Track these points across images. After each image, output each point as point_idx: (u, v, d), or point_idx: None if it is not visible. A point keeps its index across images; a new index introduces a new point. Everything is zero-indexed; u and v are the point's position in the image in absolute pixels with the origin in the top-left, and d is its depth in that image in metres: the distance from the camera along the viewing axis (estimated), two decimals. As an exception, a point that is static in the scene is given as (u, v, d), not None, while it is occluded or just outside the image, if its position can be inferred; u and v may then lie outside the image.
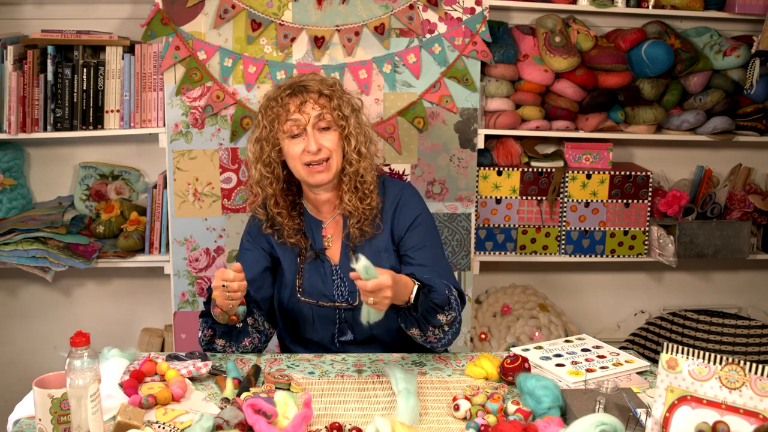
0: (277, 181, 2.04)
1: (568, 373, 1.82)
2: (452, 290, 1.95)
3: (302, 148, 1.97)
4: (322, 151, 1.97)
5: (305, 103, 1.97)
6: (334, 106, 1.99)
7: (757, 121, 3.06)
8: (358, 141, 2.02)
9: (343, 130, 2.01)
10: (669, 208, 3.04)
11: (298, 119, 1.97)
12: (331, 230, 2.10)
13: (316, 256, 2.07)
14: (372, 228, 2.05)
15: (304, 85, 2.00)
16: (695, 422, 1.40)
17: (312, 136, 1.96)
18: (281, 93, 2.00)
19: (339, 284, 2.06)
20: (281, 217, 2.06)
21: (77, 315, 3.10)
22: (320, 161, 1.98)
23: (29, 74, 2.66)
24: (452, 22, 2.75)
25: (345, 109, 2.01)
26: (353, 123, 2.02)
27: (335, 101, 2.00)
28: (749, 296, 3.42)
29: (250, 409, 1.53)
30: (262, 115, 2.03)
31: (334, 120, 1.99)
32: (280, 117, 1.98)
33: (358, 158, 2.02)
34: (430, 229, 2.09)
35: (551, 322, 3.08)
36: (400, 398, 1.65)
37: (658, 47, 2.87)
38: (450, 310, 1.89)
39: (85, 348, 1.43)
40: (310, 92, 1.99)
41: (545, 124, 2.97)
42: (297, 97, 1.98)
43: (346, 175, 2.03)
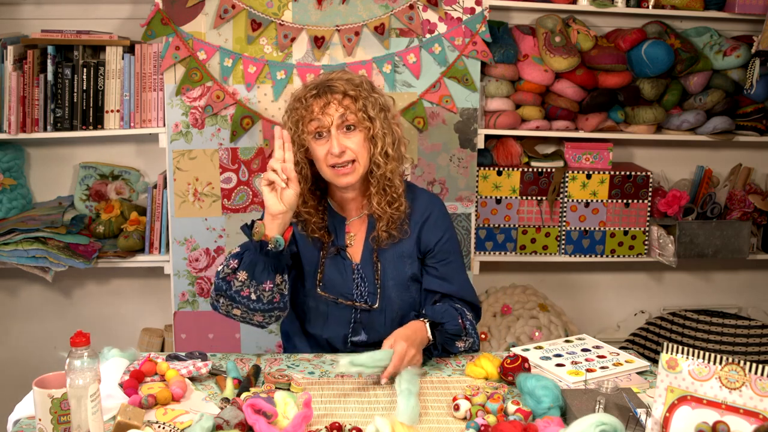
0: (305, 180, 2.01)
1: (568, 373, 1.82)
2: (466, 315, 2.00)
3: (326, 150, 1.94)
4: (347, 153, 1.94)
5: (329, 104, 1.94)
6: (359, 107, 1.95)
7: (757, 121, 3.06)
8: (385, 142, 1.98)
9: (369, 131, 1.97)
10: (669, 208, 3.04)
11: (321, 121, 1.94)
12: (355, 228, 2.08)
13: (337, 252, 2.06)
14: (399, 232, 2.03)
15: (329, 86, 1.96)
16: (695, 422, 1.40)
17: (336, 138, 1.93)
18: (306, 93, 1.97)
19: (359, 283, 2.04)
20: (308, 215, 2.04)
21: (77, 315, 3.10)
22: (345, 163, 1.95)
23: (29, 74, 2.66)
24: (452, 22, 2.75)
25: (371, 109, 1.96)
26: (379, 124, 1.97)
27: (360, 102, 1.96)
28: (749, 296, 3.42)
29: (250, 409, 1.53)
30: (288, 115, 2.01)
31: (358, 120, 1.95)
32: (304, 118, 1.96)
33: (385, 160, 1.99)
34: (455, 246, 2.10)
35: (551, 322, 3.08)
36: (401, 398, 1.65)
37: (658, 47, 2.87)
38: (467, 336, 2.00)
39: (85, 348, 1.43)
40: (334, 93, 1.95)
41: (545, 124, 2.97)
42: (321, 98, 1.95)
43: (374, 178, 2.00)
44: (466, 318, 2.00)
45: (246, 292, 1.87)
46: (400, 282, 2.04)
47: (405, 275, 2.05)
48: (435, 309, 1.99)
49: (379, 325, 2.03)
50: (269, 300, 1.89)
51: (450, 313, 1.97)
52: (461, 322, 1.97)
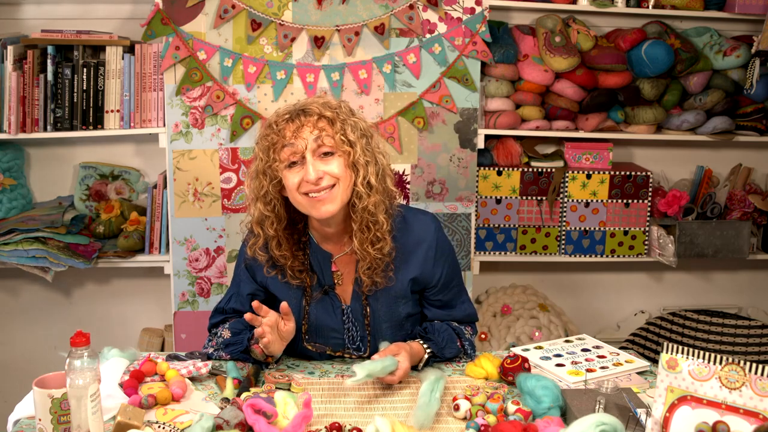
0: (278, 221, 1.81)
1: (568, 373, 1.82)
2: (465, 335, 1.96)
3: (300, 177, 1.74)
4: (324, 179, 1.74)
5: (302, 127, 1.74)
6: (336, 129, 1.75)
7: (757, 121, 3.06)
8: (367, 171, 1.77)
9: (349, 156, 1.76)
10: (669, 208, 3.04)
11: (294, 146, 1.74)
12: (342, 266, 1.90)
13: (325, 293, 1.90)
14: (383, 279, 1.84)
15: (303, 109, 1.77)
16: (695, 422, 1.40)
17: (311, 164, 1.73)
18: (278, 119, 1.78)
19: (350, 327, 1.91)
20: (284, 259, 1.84)
21: (77, 315, 3.10)
22: (322, 189, 1.74)
23: (29, 74, 2.66)
24: (452, 22, 2.75)
25: (350, 133, 1.76)
26: (360, 149, 1.76)
27: (338, 124, 1.76)
28: (749, 296, 3.42)
29: (250, 409, 1.53)
30: (258, 146, 1.81)
31: (336, 144, 1.75)
32: (275, 144, 1.76)
33: (368, 192, 1.77)
34: (457, 272, 1.96)
35: (551, 322, 3.08)
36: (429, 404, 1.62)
37: (658, 47, 2.87)
38: (466, 357, 1.98)
39: (85, 348, 1.43)
40: (308, 116, 1.76)
41: (545, 124, 2.97)
42: (294, 122, 1.76)
43: (356, 212, 1.79)
44: (465, 338, 1.96)
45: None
46: (395, 323, 1.92)
47: (400, 316, 1.92)
48: (436, 329, 1.92)
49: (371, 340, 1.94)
50: None
51: (450, 337, 1.92)
52: (460, 344, 1.95)
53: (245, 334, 1.87)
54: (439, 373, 1.76)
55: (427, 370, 1.86)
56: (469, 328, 2.01)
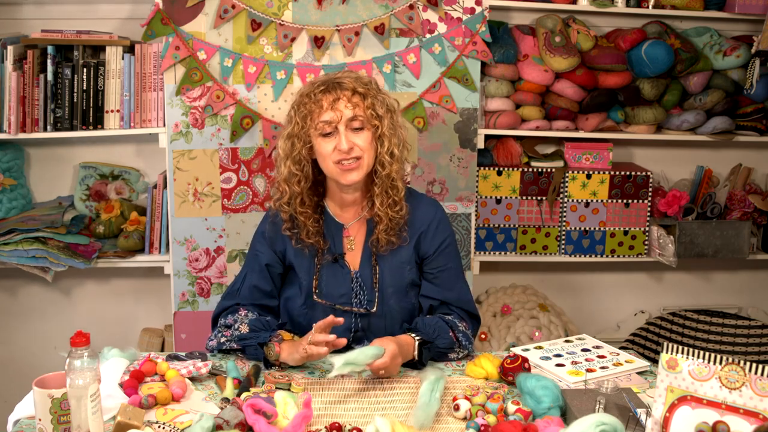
0: (305, 179, 1.99)
1: (568, 373, 1.82)
2: (458, 327, 1.96)
3: (333, 146, 1.92)
4: (354, 150, 1.92)
5: (338, 100, 1.93)
6: (367, 105, 1.94)
7: (757, 121, 3.06)
8: (391, 143, 1.97)
9: (377, 130, 1.96)
10: (669, 208, 3.04)
11: (330, 117, 1.92)
12: (353, 233, 2.05)
13: (335, 260, 2.02)
14: (398, 239, 2.01)
15: (338, 82, 1.95)
16: (695, 422, 1.41)
17: (344, 135, 1.91)
18: (314, 89, 1.95)
19: (358, 291, 2.02)
20: (304, 216, 2.00)
21: (77, 315, 3.10)
22: (351, 159, 1.93)
23: (29, 74, 2.66)
24: (452, 22, 2.75)
25: (379, 108, 1.96)
26: (387, 123, 1.97)
27: (369, 100, 1.95)
28: (749, 296, 3.42)
29: (250, 409, 1.53)
30: (294, 111, 1.98)
31: (367, 119, 1.94)
32: (312, 114, 1.94)
33: (391, 160, 1.97)
34: (455, 253, 2.09)
35: (551, 322, 3.08)
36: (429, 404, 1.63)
37: (658, 47, 2.87)
38: (461, 348, 1.97)
39: (85, 348, 1.43)
40: (344, 89, 1.94)
41: (545, 124, 2.97)
42: (330, 93, 1.93)
43: (379, 178, 1.99)
44: (458, 330, 1.96)
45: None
46: (399, 289, 2.02)
47: (404, 281, 2.03)
48: (426, 322, 1.96)
49: (379, 332, 2.00)
50: None
51: (441, 327, 1.94)
52: (453, 335, 1.94)
53: (264, 333, 1.91)
54: (439, 373, 1.76)
55: (427, 370, 1.86)
56: (464, 323, 2.00)
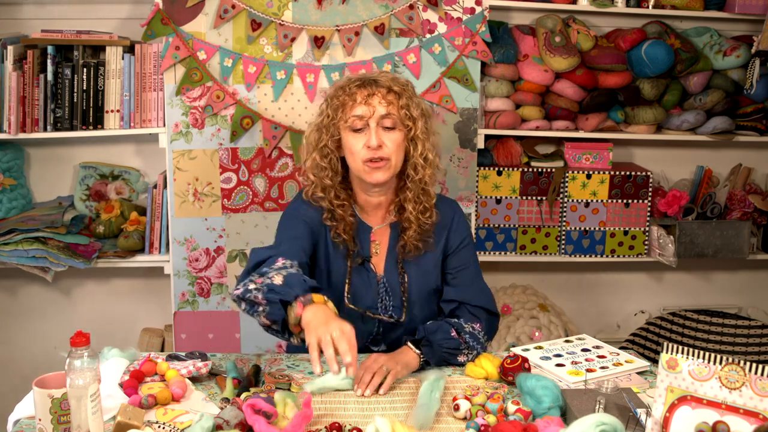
0: (334, 173, 1.95)
1: (568, 373, 1.82)
2: (464, 329, 1.93)
3: (363, 143, 1.89)
4: (383, 149, 1.89)
5: (373, 95, 1.90)
6: (402, 105, 1.91)
7: (757, 121, 3.06)
8: (425, 147, 1.93)
9: (410, 131, 1.92)
10: (669, 208, 3.05)
11: (363, 111, 1.89)
12: (379, 237, 2.02)
13: (361, 263, 1.99)
14: (425, 245, 1.99)
15: (375, 80, 1.93)
16: (695, 422, 1.40)
17: (374, 131, 1.88)
18: (350, 83, 1.93)
19: (384, 297, 2.00)
20: (342, 210, 1.96)
21: (77, 315, 3.10)
22: (380, 159, 1.89)
23: (29, 74, 2.66)
24: (452, 22, 2.75)
25: (414, 110, 1.93)
26: (421, 127, 1.93)
27: (404, 100, 1.92)
28: (749, 296, 3.42)
29: (250, 409, 1.53)
30: (327, 103, 1.96)
31: (400, 119, 1.91)
32: (345, 105, 1.91)
33: (424, 164, 1.94)
34: (473, 251, 2.07)
35: (551, 322, 3.08)
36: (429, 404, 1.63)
37: (658, 47, 2.87)
38: (469, 349, 1.93)
39: (85, 348, 1.43)
40: (379, 86, 1.91)
41: (545, 124, 2.97)
42: (365, 88, 1.91)
43: (412, 182, 1.95)
44: (464, 331, 1.93)
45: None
46: (424, 296, 2.02)
47: (429, 288, 2.02)
48: (426, 327, 1.94)
49: (398, 337, 1.98)
50: None
51: (442, 328, 1.92)
52: (457, 336, 1.92)
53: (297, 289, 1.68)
54: (439, 373, 1.76)
55: (427, 370, 1.86)
56: (477, 323, 1.96)
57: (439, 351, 1.90)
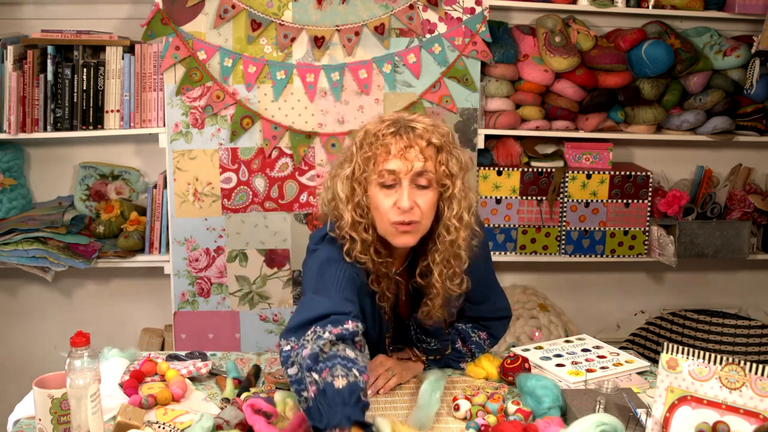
0: (371, 227, 1.71)
1: (568, 373, 1.82)
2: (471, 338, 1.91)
3: (392, 201, 1.66)
4: (414, 212, 1.66)
5: (409, 148, 1.66)
6: (441, 161, 1.68)
7: (757, 121, 3.06)
8: (461, 206, 1.70)
9: (446, 190, 1.70)
10: (669, 208, 3.04)
11: (397, 167, 1.65)
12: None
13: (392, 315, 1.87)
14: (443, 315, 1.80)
15: (412, 126, 1.68)
16: (695, 422, 1.41)
17: (407, 191, 1.65)
18: (383, 129, 1.69)
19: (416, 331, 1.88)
20: (386, 267, 1.75)
21: (77, 315, 3.10)
22: (409, 222, 1.67)
23: (29, 74, 2.66)
24: (452, 22, 2.75)
25: (453, 166, 1.69)
26: (459, 185, 1.70)
27: (444, 155, 1.68)
28: (749, 296, 3.42)
29: (250, 409, 1.53)
30: (356, 149, 1.71)
31: (437, 178, 1.68)
32: (377, 158, 1.67)
33: (459, 226, 1.70)
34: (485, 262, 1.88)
35: (551, 322, 3.08)
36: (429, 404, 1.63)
37: (658, 47, 2.87)
38: (472, 357, 1.93)
39: (85, 348, 1.43)
40: (417, 137, 1.67)
41: (545, 124, 2.97)
42: (401, 138, 1.67)
43: (442, 244, 1.71)
44: (471, 341, 1.91)
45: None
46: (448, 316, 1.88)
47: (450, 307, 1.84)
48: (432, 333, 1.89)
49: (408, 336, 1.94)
50: None
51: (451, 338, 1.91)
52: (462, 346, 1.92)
53: (343, 410, 1.37)
54: (439, 373, 1.76)
55: (427, 370, 1.86)
56: (484, 333, 1.92)
57: (444, 359, 1.91)
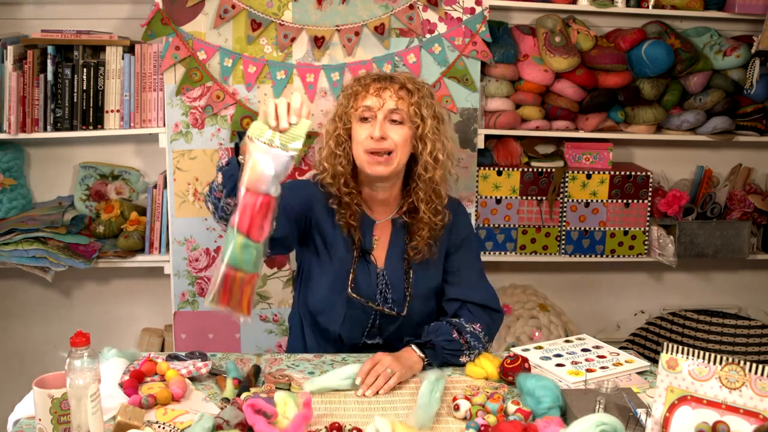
0: (347, 161, 1.96)
1: (568, 373, 1.82)
2: (465, 329, 1.94)
3: (368, 133, 1.91)
4: (387, 142, 1.90)
5: (385, 89, 1.93)
6: (413, 102, 1.93)
7: (757, 121, 3.06)
8: (435, 147, 1.94)
9: (418, 129, 1.93)
10: (669, 208, 3.05)
11: (372, 102, 1.92)
12: (379, 232, 2.04)
13: (362, 255, 2.01)
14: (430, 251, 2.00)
15: (391, 77, 1.97)
16: (695, 422, 1.41)
17: (380, 123, 1.90)
18: (367, 76, 1.99)
19: (383, 289, 2.01)
20: (350, 198, 1.97)
21: (77, 315, 3.10)
22: (382, 152, 1.91)
23: (29, 74, 2.66)
24: (452, 22, 2.75)
25: (425, 109, 1.94)
26: (431, 126, 1.94)
27: (416, 98, 1.93)
28: (749, 296, 3.42)
29: (250, 409, 1.53)
30: (342, 93, 2.01)
31: (408, 116, 1.92)
32: (357, 95, 1.95)
33: (435, 165, 1.94)
34: (475, 249, 2.09)
35: (551, 322, 3.08)
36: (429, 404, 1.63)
37: (658, 47, 2.87)
38: (470, 350, 1.94)
39: (85, 348, 1.43)
40: (394, 82, 1.95)
41: (545, 124, 2.97)
42: (380, 83, 1.95)
43: (423, 181, 1.95)
44: (466, 332, 1.94)
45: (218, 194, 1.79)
46: (426, 293, 2.03)
47: (431, 286, 2.04)
48: (429, 329, 1.95)
49: (395, 331, 2.01)
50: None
51: (443, 329, 1.93)
52: (459, 337, 1.93)
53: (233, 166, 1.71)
54: (439, 373, 1.76)
55: (427, 370, 1.86)
56: (477, 324, 1.97)
57: (441, 353, 1.90)
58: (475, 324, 1.97)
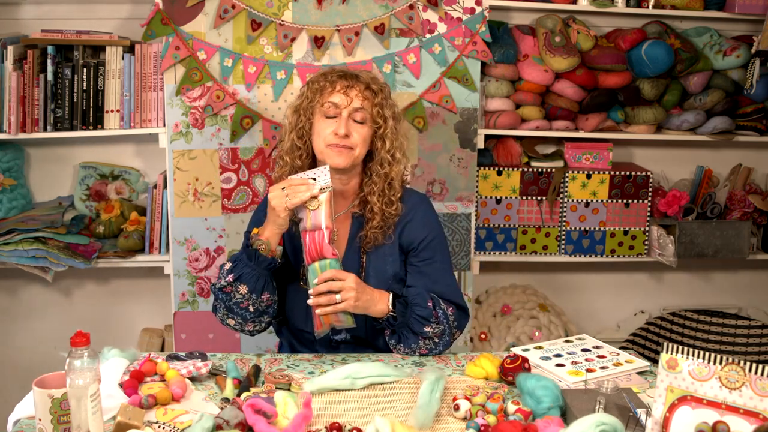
0: (306, 154, 2.04)
1: (568, 373, 1.82)
2: (440, 305, 1.97)
3: (332, 129, 1.97)
4: (349, 139, 1.97)
5: (351, 88, 1.99)
6: (376, 103, 2.01)
7: (757, 121, 3.06)
8: (393, 145, 2.03)
9: (379, 128, 2.02)
10: (669, 208, 3.05)
11: (339, 100, 1.98)
12: (338, 224, 2.06)
13: None
14: (384, 237, 2.04)
15: (356, 75, 2.04)
16: (695, 422, 1.40)
17: (344, 121, 1.97)
18: (333, 72, 2.04)
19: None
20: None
21: (77, 315, 3.10)
22: (342, 146, 1.97)
23: (29, 74, 2.66)
24: (452, 22, 2.75)
25: (386, 110, 2.03)
26: (391, 127, 2.03)
27: (379, 99, 2.02)
28: (749, 296, 3.42)
29: (250, 409, 1.53)
30: (307, 86, 2.05)
31: (371, 117, 2.01)
32: (323, 91, 2.00)
33: (392, 161, 2.03)
34: (442, 246, 2.10)
35: (551, 322, 3.08)
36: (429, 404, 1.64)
37: (658, 47, 2.87)
38: (438, 323, 1.96)
39: (85, 348, 1.43)
40: (359, 82, 2.02)
41: (545, 124, 2.97)
42: (346, 80, 2.01)
43: (377, 176, 2.03)
44: (440, 307, 1.97)
45: (245, 304, 1.95)
46: (381, 280, 2.03)
47: (387, 273, 2.04)
48: (408, 291, 1.99)
49: (361, 326, 2.01)
50: (267, 309, 1.98)
51: (422, 296, 1.97)
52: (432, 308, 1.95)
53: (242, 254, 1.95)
54: (439, 373, 1.76)
55: (427, 370, 1.86)
56: (452, 308, 2.00)
57: (410, 314, 1.94)
58: (449, 308, 2.00)
